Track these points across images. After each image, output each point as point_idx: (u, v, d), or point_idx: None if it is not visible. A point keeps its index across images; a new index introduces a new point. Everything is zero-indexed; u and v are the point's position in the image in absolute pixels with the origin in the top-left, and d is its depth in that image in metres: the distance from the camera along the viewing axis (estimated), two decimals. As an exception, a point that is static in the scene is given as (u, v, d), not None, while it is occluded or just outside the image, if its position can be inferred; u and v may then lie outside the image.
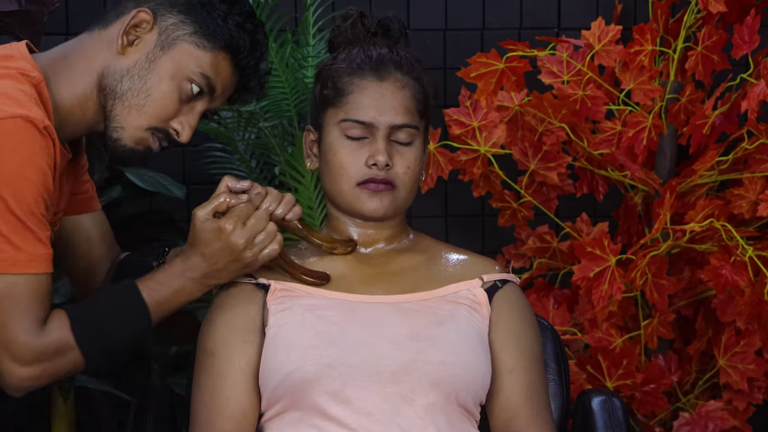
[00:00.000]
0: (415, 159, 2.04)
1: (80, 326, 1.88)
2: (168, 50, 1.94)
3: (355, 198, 2.03)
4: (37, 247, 1.84)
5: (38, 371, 1.87)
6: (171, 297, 1.94)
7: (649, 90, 2.95)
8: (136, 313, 1.92)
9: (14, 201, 1.80)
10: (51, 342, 1.86)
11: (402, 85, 2.04)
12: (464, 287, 2.07)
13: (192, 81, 1.95)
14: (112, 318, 1.91)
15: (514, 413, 2.02)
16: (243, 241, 1.92)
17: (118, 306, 1.92)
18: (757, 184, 2.94)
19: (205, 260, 1.93)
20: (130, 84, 1.94)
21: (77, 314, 1.90)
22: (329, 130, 2.05)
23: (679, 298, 3.13)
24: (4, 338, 1.84)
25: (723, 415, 3.07)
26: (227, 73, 1.98)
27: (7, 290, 1.83)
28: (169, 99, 1.95)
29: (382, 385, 1.94)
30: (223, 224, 1.92)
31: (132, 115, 1.94)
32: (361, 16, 2.09)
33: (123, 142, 1.96)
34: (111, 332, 1.91)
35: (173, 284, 1.94)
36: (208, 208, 1.94)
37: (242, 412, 1.98)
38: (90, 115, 1.96)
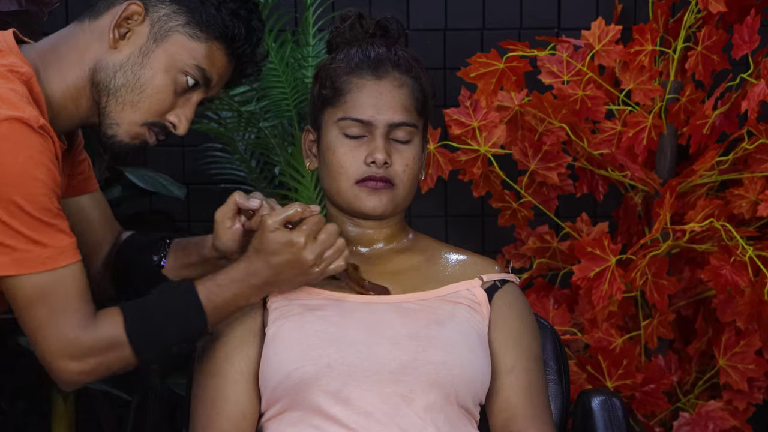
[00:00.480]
0: (413, 157, 2.05)
1: (134, 325, 1.86)
2: (161, 43, 1.89)
3: (354, 196, 2.03)
4: (61, 239, 1.81)
5: (89, 366, 1.85)
6: (229, 301, 1.91)
7: (649, 90, 2.95)
8: (192, 314, 1.89)
9: (26, 201, 1.77)
10: (102, 338, 1.84)
11: (400, 83, 2.04)
12: (464, 287, 2.07)
13: (187, 73, 1.91)
14: (167, 318, 1.88)
15: (513, 413, 2.02)
16: (313, 257, 1.89)
17: (173, 307, 1.89)
18: (757, 184, 2.94)
19: (271, 269, 1.90)
20: (124, 80, 1.89)
21: (131, 312, 1.87)
22: (328, 129, 2.05)
23: (679, 298, 3.13)
24: (52, 335, 1.82)
25: (723, 415, 3.07)
26: (223, 62, 1.94)
27: (44, 288, 1.81)
28: (163, 93, 1.91)
29: (382, 384, 1.94)
30: (295, 238, 1.88)
31: (126, 111, 1.91)
32: (360, 17, 2.09)
33: (118, 138, 1.93)
34: (165, 332, 1.88)
35: (233, 288, 1.90)
36: (280, 218, 1.89)
37: (242, 412, 1.98)
38: (83, 109, 1.93)
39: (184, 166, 3.33)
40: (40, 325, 1.83)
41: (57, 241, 1.81)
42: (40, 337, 1.84)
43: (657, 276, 2.92)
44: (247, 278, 1.90)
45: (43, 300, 1.81)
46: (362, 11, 2.11)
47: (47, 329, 1.83)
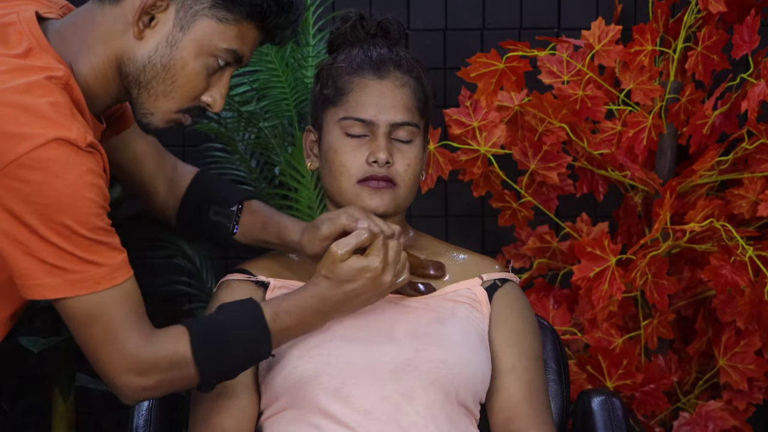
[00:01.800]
0: (415, 157, 2.05)
1: (200, 344, 1.84)
2: (188, 30, 1.80)
3: (355, 195, 2.03)
4: (114, 256, 1.78)
5: (152, 382, 1.83)
6: (295, 326, 1.91)
7: (649, 90, 2.95)
8: (258, 338, 1.88)
9: (78, 223, 1.73)
10: (166, 354, 1.83)
11: (402, 83, 2.04)
12: (464, 286, 2.07)
13: (218, 57, 1.83)
14: (233, 340, 1.87)
15: (514, 412, 2.02)
16: (390, 277, 1.91)
17: (240, 329, 1.88)
18: (757, 184, 2.94)
19: (344, 295, 1.90)
20: (153, 72, 1.82)
21: (198, 331, 1.85)
22: (329, 129, 2.05)
23: (679, 298, 3.13)
24: (114, 351, 1.81)
25: (723, 415, 3.06)
26: (255, 37, 1.85)
27: (101, 308, 1.78)
28: (195, 80, 1.83)
29: (382, 383, 1.94)
30: (372, 263, 1.89)
31: (160, 101, 1.84)
32: (361, 19, 2.09)
33: (153, 125, 1.87)
34: (230, 354, 1.87)
35: (300, 315, 1.91)
36: (351, 246, 1.89)
37: (241, 410, 1.99)
38: (113, 93, 1.86)
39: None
40: (100, 342, 1.81)
41: (110, 259, 1.78)
42: (102, 355, 1.81)
43: (657, 276, 2.92)
44: (317, 305, 1.91)
45: (100, 318, 1.79)
46: (363, 12, 2.11)
47: (108, 346, 1.81)
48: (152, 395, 1.88)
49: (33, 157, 1.70)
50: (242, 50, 1.85)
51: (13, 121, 1.70)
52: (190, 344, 1.84)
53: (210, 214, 2.09)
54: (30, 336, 2.86)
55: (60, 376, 3.06)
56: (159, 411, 2.12)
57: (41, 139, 1.70)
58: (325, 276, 1.90)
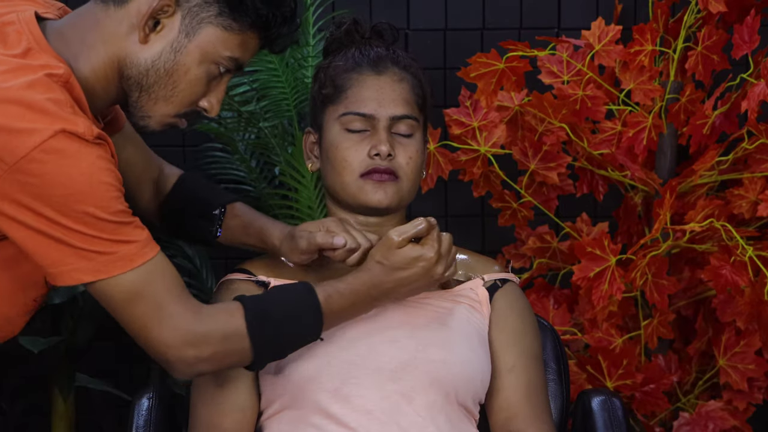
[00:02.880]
0: (416, 150, 2.05)
1: (254, 319, 1.85)
2: (194, 37, 1.82)
3: (358, 189, 2.03)
4: (141, 233, 1.78)
5: (207, 353, 1.82)
6: (347, 309, 1.93)
7: (649, 90, 2.95)
8: (312, 319, 1.89)
9: (100, 209, 1.73)
10: (218, 327, 1.83)
11: (400, 78, 2.05)
12: (465, 286, 2.07)
13: (220, 64, 1.85)
14: (287, 318, 1.88)
15: (513, 412, 2.02)
16: (442, 269, 1.93)
17: (294, 308, 1.89)
18: (757, 184, 2.94)
19: (397, 282, 1.93)
20: (156, 77, 1.83)
21: (253, 306, 1.86)
22: (330, 126, 2.05)
23: (679, 298, 3.13)
24: (165, 326, 1.80)
25: (723, 415, 3.06)
26: (256, 46, 1.88)
27: (141, 284, 1.78)
28: (197, 86, 1.85)
29: (382, 383, 1.94)
30: (427, 253, 1.92)
31: (159, 104, 1.85)
32: (355, 23, 2.11)
33: (150, 128, 1.89)
34: (283, 331, 1.88)
35: (352, 298, 1.92)
36: (409, 234, 1.92)
37: (241, 410, 1.99)
38: (111, 94, 1.87)
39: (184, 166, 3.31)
40: (146, 320, 1.80)
41: (138, 236, 1.78)
42: (151, 332, 1.81)
43: (657, 276, 2.92)
44: (369, 290, 1.93)
45: (143, 295, 1.79)
46: (357, 17, 2.12)
47: (157, 321, 1.80)
48: (208, 368, 1.86)
49: (43, 149, 1.70)
50: (243, 58, 1.87)
51: (17, 118, 1.70)
52: (245, 318, 1.84)
53: (193, 217, 2.11)
54: (30, 336, 2.86)
55: (60, 376, 3.06)
56: (159, 411, 2.12)
57: (48, 132, 1.70)
58: (378, 261, 1.92)
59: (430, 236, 1.92)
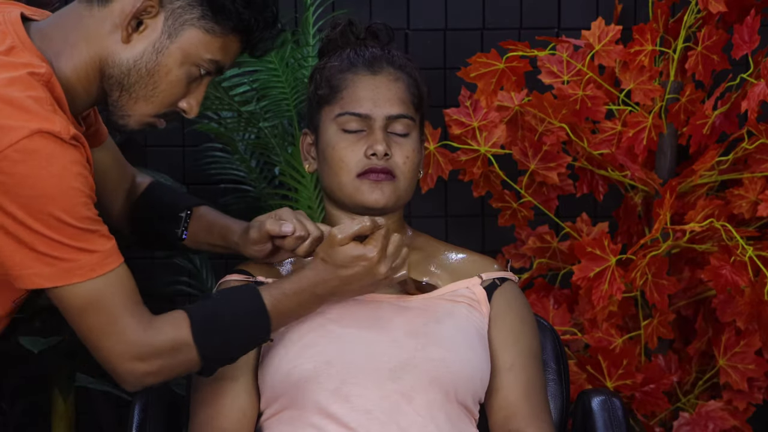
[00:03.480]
0: (413, 150, 2.06)
1: (200, 327, 1.86)
2: (176, 38, 1.84)
3: (355, 190, 2.03)
4: (104, 243, 1.80)
5: (155, 367, 1.84)
6: (293, 309, 1.92)
7: (649, 90, 2.95)
8: (257, 321, 1.89)
9: (66, 213, 1.75)
10: (166, 340, 1.84)
11: (395, 77, 2.06)
12: (463, 285, 2.07)
13: (201, 66, 1.87)
14: (233, 324, 1.88)
15: (512, 411, 2.02)
16: (386, 269, 1.91)
17: (240, 313, 1.89)
18: (757, 184, 2.94)
19: (340, 280, 1.91)
20: (137, 77, 1.85)
21: (198, 315, 1.87)
22: (326, 127, 2.06)
23: (679, 298, 3.13)
24: (114, 339, 1.82)
25: (723, 415, 3.06)
26: (237, 50, 1.90)
27: (98, 295, 1.80)
28: (177, 87, 1.87)
29: (381, 382, 1.94)
30: (369, 253, 1.89)
31: (139, 104, 1.87)
32: (350, 24, 2.11)
33: (129, 127, 1.90)
34: (230, 337, 1.88)
35: (298, 298, 1.92)
36: (351, 232, 1.90)
37: (241, 411, 1.99)
38: (93, 94, 1.88)
39: (184, 166, 3.33)
40: (99, 330, 1.82)
41: (101, 246, 1.79)
42: (103, 343, 1.82)
43: (657, 276, 2.92)
44: (313, 288, 1.92)
45: (98, 306, 1.80)
46: (352, 18, 2.13)
47: (109, 334, 1.82)
48: (156, 380, 1.87)
49: (17, 149, 1.71)
50: (224, 61, 1.89)
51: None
52: (191, 329, 1.85)
53: (159, 221, 2.12)
54: (30, 336, 2.86)
55: (60, 376, 3.06)
56: (159, 411, 2.12)
57: (25, 131, 1.72)
58: (322, 259, 1.91)
59: (374, 236, 1.90)
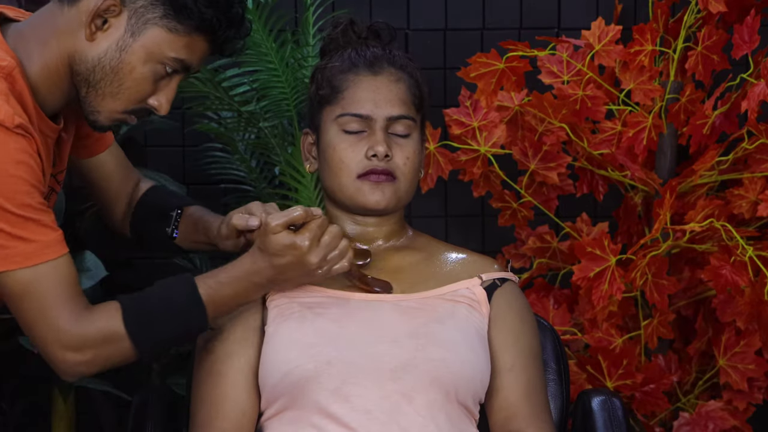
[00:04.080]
0: (414, 151, 2.06)
1: (132, 318, 1.87)
2: (138, 36, 1.86)
3: (356, 190, 2.03)
4: (45, 233, 1.83)
5: (87, 357, 1.86)
6: (230, 298, 1.92)
7: (649, 90, 2.95)
8: (192, 310, 1.90)
9: (5, 200, 1.79)
10: (98, 329, 1.86)
11: (396, 78, 2.06)
12: (463, 286, 2.07)
13: (166, 64, 1.89)
14: (167, 313, 1.89)
15: (513, 412, 2.02)
16: (317, 259, 1.90)
17: (174, 302, 1.90)
18: (757, 184, 2.94)
19: (274, 269, 1.90)
20: (102, 74, 1.88)
21: (131, 306, 1.89)
22: (327, 127, 2.06)
23: (679, 298, 3.13)
24: (47, 327, 1.85)
25: (723, 415, 3.06)
26: (203, 49, 1.91)
27: (32, 282, 1.82)
28: (142, 84, 1.89)
29: (382, 382, 1.94)
30: (299, 241, 1.88)
31: (107, 101, 1.90)
32: (351, 23, 2.11)
33: (100, 122, 1.93)
34: (164, 327, 1.89)
35: (234, 286, 1.91)
36: (283, 220, 1.89)
37: (241, 411, 1.99)
38: (66, 90, 1.92)
39: (184, 166, 3.33)
40: (33, 318, 1.85)
41: (41, 236, 1.82)
42: (36, 331, 1.86)
43: (657, 276, 2.92)
44: (249, 277, 1.91)
45: (32, 294, 1.83)
46: (354, 17, 2.13)
47: (41, 322, 1.85)
48: (89, 371, 1.90)
49: None
50: (190, 60, 1.90)
51: None
52: (123, 319, 1.87)
53: (153, 221, 2.15)
54: (30, 336, 2.86)
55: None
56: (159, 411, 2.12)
57: None
58: (258, 247, 1.91)
59: (307, 225, 1.89)
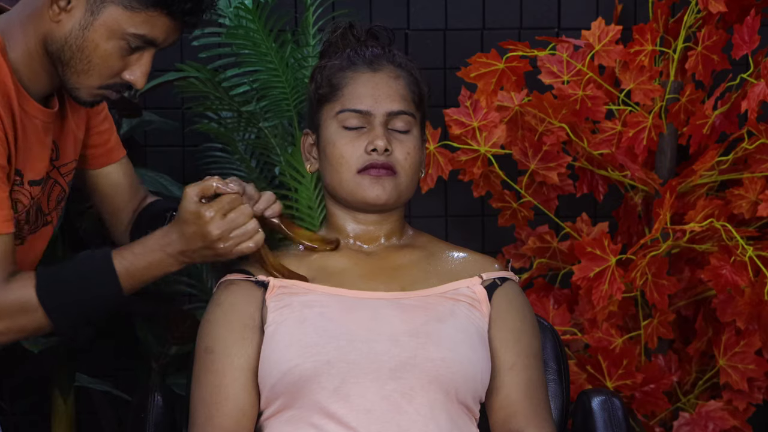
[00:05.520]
0: (414, 146, 2.06)
1: (44, 287, 1.91)
2: (98, 15, 1.93)
3: (356, 186, 2.04)
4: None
5: (2, 327, 1.92)
6: (145, 269, 1.96)
7: (649, 90, 2.95)
8: (105, 280, 1.94)
9: None
10: (12, 299, 1.91)
11: (396, 75, 2.07)
12: (464, 284, 2.07)
13: (127, 41, 1.94)
14: (79, 283, 1.94)
15: (513, 410, 2.02)
16: (218, 232, 1.94)
17: (86, 271, 1.95)
18: (757, 184, 2.94)
19: (182, 239, 1.95)
20: (70, 53, 1.94)
21: (44, 276, 1.93)
22: (327, 125, 2.06)
23: (679, 298, 3.13)
24: None
25: (723, 415, 3.06)
26: (165, 23, 1.96)
27: None
28: (110, 59, 1.95)
29: (382, 382, 1.94)
30: (203, 210, 1.94)
31: (81, 77, 1.96)
32: (351, 27, 2.13)
33: (82, 98, 1.99)
34: (77, 297, 1.94)
35: (148, 257, 1.96)
36: (196, 189, 1.95)
37: (241, 410, 1.99)
38: (50, 72, 1.98)
39: (184, 166, 3.33)
40: None
41: None
42: None
43: (657, 276, 2.92)
44: (162, 248, 1.96)
45: None
46: (353, 21, 2.14)
47: None
48: (6, 339, 1.95)
49: None
50: (152, 35, 1.95)
51: None
52: (36, 288, 1.91)
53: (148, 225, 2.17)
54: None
55: (60, 376, 3.06)
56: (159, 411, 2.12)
57: None
58: (175, 218, 1.96)
59: (219, 199, 1.94)
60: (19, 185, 1.99)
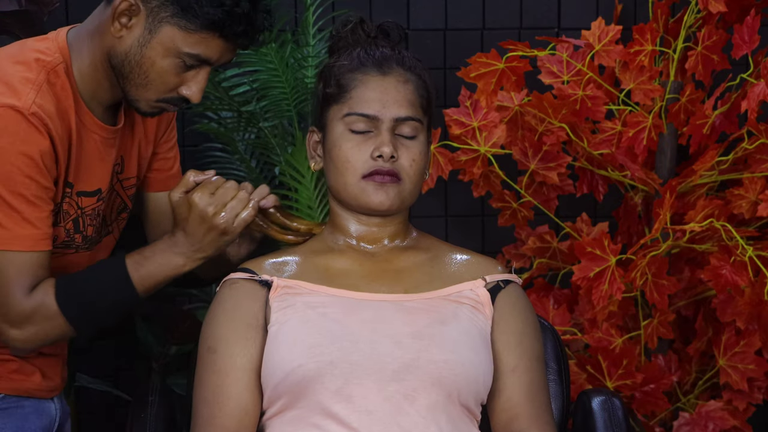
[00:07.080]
0: (419, 153, 2.06)
1: (63, 294, 2.00)
2: (155, 34, 2.00)
3: (360, 191, 2.03)
4: (23, 227, 1.96)
5: (28, 334, 2.01)
6: (156, 270, 2.05)
7: (649, 90, 2.95)
8: (120, 285, 2.03)
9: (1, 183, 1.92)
10: (36, 306, 1.98)
11: (405, 79, 2.06)
12: (467, 287, 2.07)
13: (182, 59, 2.01)
14: (96, 288, 2.02)
15: (515, 413, 2.02)
16: (212, 209, 2.02)
17: (102, 277, 2.04)
18: (757, 184, 2.94)
19: (187, 235, 2.04)
20: (130, 68, 2.02)
21: (62, 283, 2.01)
22: (333, 126, 2.06)
23: (679, 298, 3.13)
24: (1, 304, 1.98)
25: (723, 415, 3.07)
26: (218, 45, 2.02)
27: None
28: (167, 76, 2.02)
29: (384, 383, 1.94)
30: (191, 196, 2.02)
31: (140, 91, 2.04)
32: (361, 22, 2.11)
33: (142, 109, 2.07)
34: (94, 301, 2.02)
35: (158, 259, 2.05)
36: (179, 188, 2.04)
37: (243, 410, 1.98)
38: (113, 83, 2.06)
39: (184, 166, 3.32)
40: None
41: (17, 227, 1.95)
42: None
43: (657, 276, 2.92)
44: (170, 248, 2.05)
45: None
46: (363, 16, 2.13)
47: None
48: (31, 346, 2.04)
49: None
50: (206, 54, 2.01)
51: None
52: (55, 295, 2.00)
53: None
54: (30, 336, 2.85)
55: (60, 376, 3.06)
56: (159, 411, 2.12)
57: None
58: (173, 223, 2.06)
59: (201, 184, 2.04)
60: (69, 197, 2.06)
